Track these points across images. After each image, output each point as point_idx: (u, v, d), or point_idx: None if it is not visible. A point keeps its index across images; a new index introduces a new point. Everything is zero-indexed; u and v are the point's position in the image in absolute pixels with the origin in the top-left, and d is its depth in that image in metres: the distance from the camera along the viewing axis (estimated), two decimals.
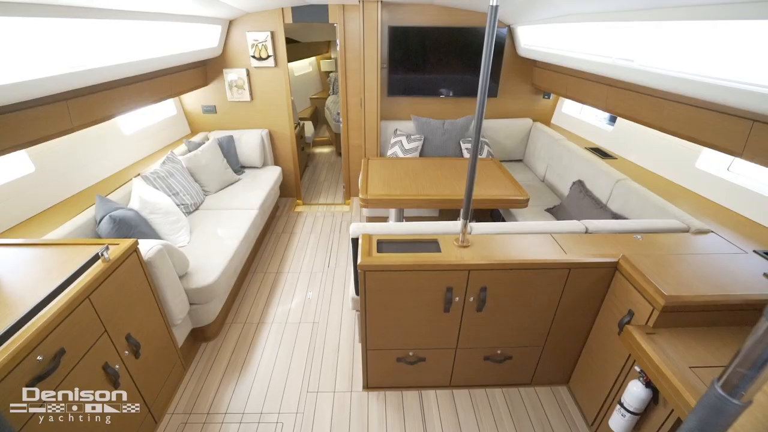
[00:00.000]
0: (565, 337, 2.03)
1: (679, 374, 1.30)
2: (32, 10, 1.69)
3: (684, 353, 1.41)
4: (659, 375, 1.34)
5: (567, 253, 1.80)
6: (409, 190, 2.80)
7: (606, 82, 2.74)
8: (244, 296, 2.95)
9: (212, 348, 2.49)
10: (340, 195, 4.68)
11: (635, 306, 1.64)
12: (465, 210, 1.73)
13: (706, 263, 1.73)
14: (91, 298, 1.51)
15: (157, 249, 1.96)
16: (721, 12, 1.62)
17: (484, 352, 2.08)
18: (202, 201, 3.27)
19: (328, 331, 2.62)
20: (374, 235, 1.90)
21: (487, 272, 1.76)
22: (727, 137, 1.91)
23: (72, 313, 1.41)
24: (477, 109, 1.53)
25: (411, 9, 3.66)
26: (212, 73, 3.86)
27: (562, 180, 3.35)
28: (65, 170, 2.51)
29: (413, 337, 2.00)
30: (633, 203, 2.47)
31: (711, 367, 1.34)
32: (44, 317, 1.31)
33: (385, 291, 1.81)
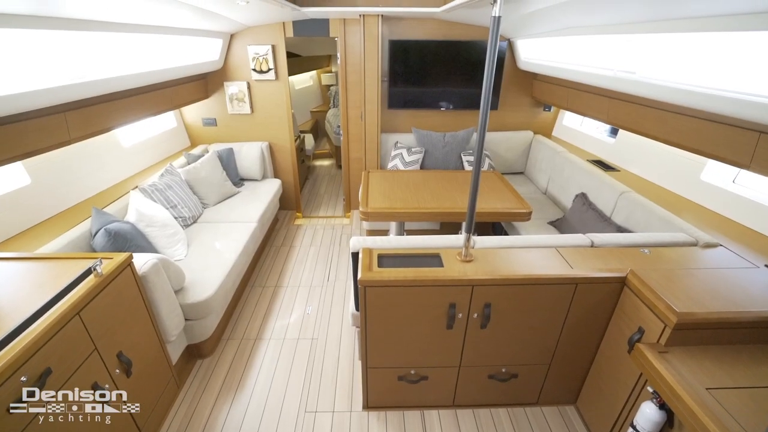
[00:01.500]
0: (572, 355, 1.96)
1: (696, 396, 1.23)
2: (35, 22, 1.68)
3: (699, 373, 1.34)
4: (674, 397, 1.28)
5: (573, 268, 1.75)
6: (409, 203, 2.76)
7: (607, 95, 2.72)
8: (242, 311, 2.88)
9: (207, 365, 2.42)
10: (341, 208, 4.64)
11: (645, 323, 1.58)
12: (468, 224, 1.69)
13: (716, 278, 1.68)
14: (81, 314, 1.45)
15: (152, 263, 1.91)
16: (724, 24, 1.61)
17: (489, 370, 2.01)
18: (200, 214, 3.23)
19: (327, 347, 2.55)
20: (375, 249, 1.85)
21: (492, 287, 1.71)
22: (733, 149, 1.88)
23: (60, 330, 1.35)
24: (480, 119, 1.50)
25: (411, 23, 3.69)
26: (213, 86, 3.86)
27: (565, 192, 3.31)
28: (62, 182, 2.48)
29: (415, 355, 1.93)
30: (638, 216, 2.43)
31: (728, 388, 1.27)
32: (30, 336, 1.25)
33: (386, 307, 1.76)
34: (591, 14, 2.20)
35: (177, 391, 2.20)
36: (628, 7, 1.90)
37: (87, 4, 1.77)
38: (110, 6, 1.88)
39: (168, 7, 2.19)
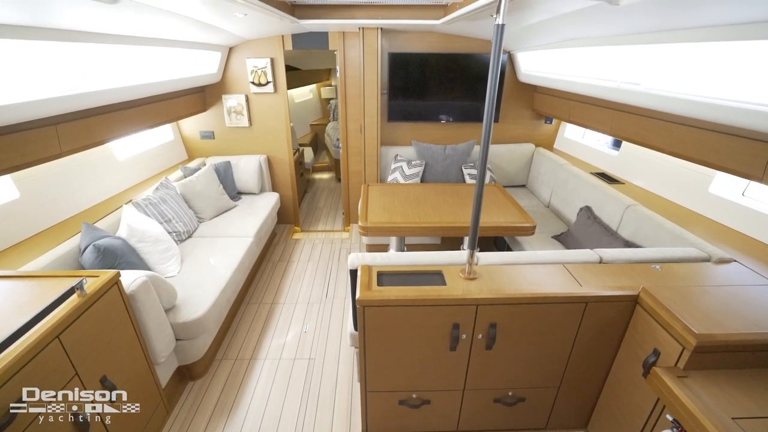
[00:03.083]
0: (582, 377, 1.86)
1: (722, 427, 1.14)
2: (29, 33, 1.64)
3: (723, 401, 1.25)
4: (698, 427, 1.18)
5: (582, 286, 1.67)
6: (410, 218, 2.69)
7: (611, 107, 2.68)
8: (237, 329, 2.78)
9: (199, 387, 2.31)
10: (340, 221, 4.57)
11: (661, 345, 1.49)
12: (471, 240, 1.61)
13: (733, 296, 1.59)
14: (62, 337, 1.37)
15: (141, 281, 1.83)
16: (731, 33, 1.56)
17: (495, 393, 1.90)
18: (195, 228, 3.15)
19: (325, 368, 2.44)
20: (374, 267, 1.77)
21: (497, 307, 1.62)
22: (744, 161, 1.82)
23: (37, 355, 1.26)
24: (483, 129, 1.44)
25: (411, 36, 3.68)
26: (211, 99, 3.83)
27: (568, 205, 3.24)
28: (53, 196, 2.41)
29: (417, 378, 1.83)
30: (646, 230, 2.36)
31: (757, 418, 1.18)
32: (2, 362, 1.16)
33: (386, 328, 1.67)
34: (594, 25, 2.16)
35: (166, 416, 2.08)
36: (632, 18, 1.86)
37: (83, 15, 1.73)
38: (107, 18, 1.84)
39: (165, 20, 2.16)
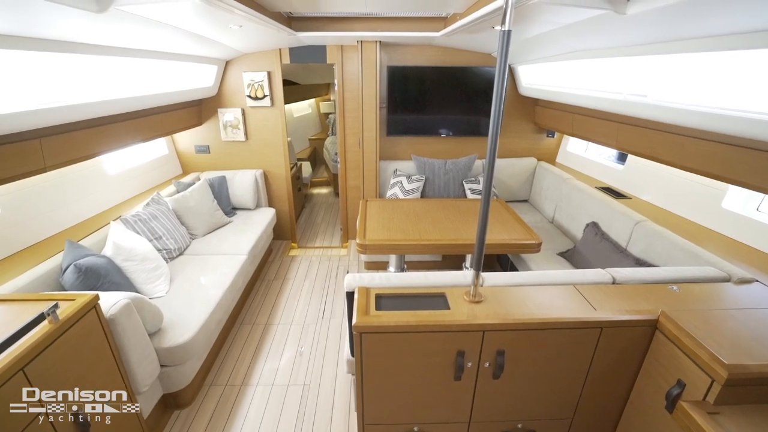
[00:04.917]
0: (597, 409, 1.72)
1: None
2: (18, 43, 1.57)
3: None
4: None
5: (597, 309, 1.55)
6: (410, 234, 2.58)
7: (616, 119, 2.61)
8: (228, 352, 2.63)
9: (186, 417, 2.15)
10: (338, 238, 4.45)
11: (686, 375, 1.36)
12: (477, 260, 1.50)
13: (760, 321, 1.47)
14: (27, 370, 1.24)
15: (122, 304, 1.70)
16: (740, 42, 1.49)
17: (503, 426, 1.75)
18: (187, 245, 3.03)
19: (320, 396, 2.29)
20: (372, 289, 1.65)
21: (505, 333, 1.50)
22: (760, 174, 1.73)
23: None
24: (489, 139, 1.34)
25: (410, 49, 3.64)
26: (207, 113, 3.77)
27: (574, 221, 3.14)
28: (37, 213, 2.31)
29: (419, 410, 1.69)
30: (657, 247, 2.25)
31: None
32: None
33: (385, 355, 1.54)
34: (599, 36, 2.10)
35: None
36: (639, 28, 1.79)
37: (71, 25, 1.65)
38: (96, 29, 1.76)
39: (158, 31, 2.09)
